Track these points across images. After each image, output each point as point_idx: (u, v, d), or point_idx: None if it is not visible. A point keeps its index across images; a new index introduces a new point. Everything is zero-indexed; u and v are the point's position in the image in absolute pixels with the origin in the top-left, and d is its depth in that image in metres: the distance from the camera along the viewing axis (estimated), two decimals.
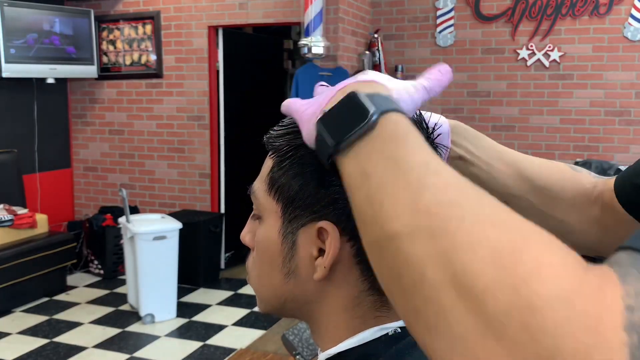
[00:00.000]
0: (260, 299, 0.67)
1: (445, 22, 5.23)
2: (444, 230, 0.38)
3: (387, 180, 0.42)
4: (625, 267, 0.34)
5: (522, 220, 0.38)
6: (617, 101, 4.86)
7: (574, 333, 0.31)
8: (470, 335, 0.34)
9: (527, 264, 0.34)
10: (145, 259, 4.05)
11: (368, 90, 0.49)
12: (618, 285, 0.33)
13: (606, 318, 0.31)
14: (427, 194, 0.40)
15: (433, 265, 0.37)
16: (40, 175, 5.39)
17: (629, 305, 0.32)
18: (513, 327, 0.33)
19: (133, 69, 5.51)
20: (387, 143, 0.44)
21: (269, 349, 3.77)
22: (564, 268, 0.34)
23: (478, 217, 0.38)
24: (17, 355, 3.69)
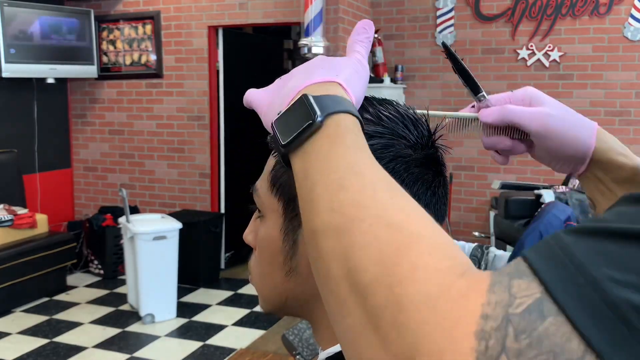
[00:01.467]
0: (262, 297, 0.67)
1: (445, 22, 5.23)
2: (347, 229, 0.41)
3: (317, 179, 0.46)
4: (502, 276, 0.35)
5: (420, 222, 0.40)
6: (617, 101, 4.86)
7: (431, 334, 0.34)
8: (356, 327, 0.38)
9: (405, 265, 0.37)
10: (145, 259, 4.06)
11: (321, 92, 0.51)
12: (483, 294, 0.34)
13: (462, 323, 0.33)
14: (342, 194, 0.43)
15: (336, 261, 0.41)
16: (40, 175, 5.39)
17: (485, 314, 0.33)
18: (385, 322, 0.36)
19: (133, 69, 5.52)
20: (325, 144, 0.48)
21: (269, 349, 3.77)
22: (437, 272, 0.36)
23: (377, 218, 0.40)
24: (17, 355, 3.69)
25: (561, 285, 0.33)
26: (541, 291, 0.33)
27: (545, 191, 4.01)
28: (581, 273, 0.33)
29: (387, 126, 0.59)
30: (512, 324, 0.33)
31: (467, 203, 5.29)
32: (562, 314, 0.32)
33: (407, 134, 0.60)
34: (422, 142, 0.61)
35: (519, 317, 0.33)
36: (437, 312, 0.34)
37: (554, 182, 4.63)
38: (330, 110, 0.49)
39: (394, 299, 0.36)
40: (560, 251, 0.34)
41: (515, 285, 0.34)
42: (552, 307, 0.32)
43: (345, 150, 0.47)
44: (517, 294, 0.34)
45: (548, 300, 0.33)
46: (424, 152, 0.60)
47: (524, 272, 0.35)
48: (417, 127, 0.61)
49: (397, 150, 0.59)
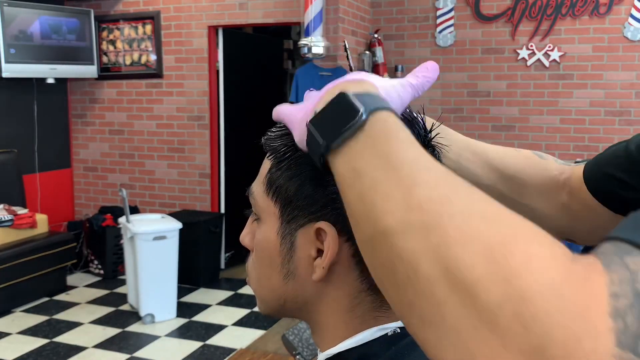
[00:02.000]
0: (260, 300, 0.67)
1: (445, 22, 5.23)
2: (436, 225, 0.38)
3: (378, 177, 0.43)
4: (610, 256, 0.35)
5: (511, 213, 0.39)
6: (617, 101, 4.86)
7: (564, 321, 0.32)
8: (464, 327, 0.35)
9: (517, 256, 0.35)
10: (145, 259, 4.05)
11: (357, 89, 0.49)
12: (603, 274, 0.34)
13: (593, 306, 0.32)
14: (418, 190, 0.41)
15: (426, 259, 0.38)
16: (40, 175, 5.39)
17: (614, 293, 0.33)
18: (506, 317, 0.34)
19: (133, 69, 5.51)
20: (377, 141, 0.45)
21: (269, 349, 3.77)
22: (553, 259, 0.35)
23: (469, 211, 0.39)
24: (17, 355, 3.69)
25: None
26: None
27: None
28: None
29: None
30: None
31: None
32: None
33: None
34: (418, 142, 0.61)
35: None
36: (564, 298, 0.33)
37: None
38: (372, 106, 0.47)
39: (513, 292, 0.34)
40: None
41: (631, 262, 0.34)
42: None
43: (404, 146, 0.44)
44: (637, 270, 0.33)
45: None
46: None
47: (629, 250, 0.34)
48: (412, 127, 0.61)
49: None
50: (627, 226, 0.36)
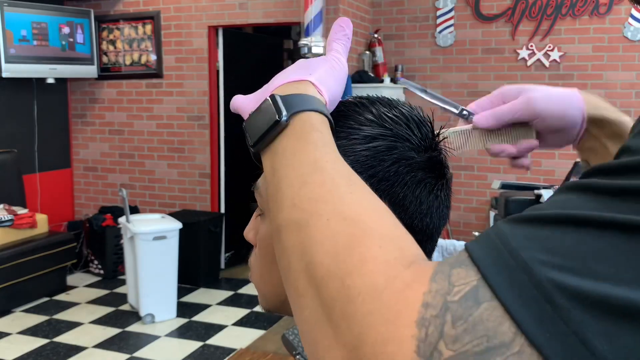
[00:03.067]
0: (261, 295, 0.67)
1: (445, 22, 5.23)
2: (306, 224, 0.42)
3: (283, 176, 0.47)
4: (444, 266, 0.37)
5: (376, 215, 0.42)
6: (617, 101, 4.86)
7: (375, 324, 0.35)
8: (312, 319, 0.40)
9: (355, 257, 0.38)
10: (145, 259, 4.05)
11: (290, 91, 0.53)
12: (426, 283, 0.36)
13: (405, 313, 0.35)
14: (305, 189, 0.45)
15: (295, 255, 0.42)
16: (40, 175, 5.39)
17: (426, 302, 0.35)
18: (336, 314, 0.37)
19: (133, 69, 5.52)
20: (291, 142, 0.49)
21: (269, 349, 3.77)
22: (384, 264, 0.38)
23: (334, 212, 0.42)
24: (17, 355, 3.69)
25: (495, 270, 0.34)
26: (478, 278, 0.35)
27: (545, 191, 4.01)
28: (513, 257, 0.34)
29: (390, 128, 0.59)
30: (450, 311, 0.34)
31: (467, 203, 5.29)
32: (495, 298, 0.33)
33: (410, 136, 0.60)
34: (425, 144, 0.60)
35: (456, 304, 0.34)
36: (382, 303, 0.36)
37: (554, 182, 4.63)
38: (296, 109, 0.50)
39: (343, 291, 0.37)
40: (497, 239, 0.36)
41: (455, 274, 0.36)
42: (487, 292, 0.34)
43: (310, 147, 0.48)
44: (455, 282, 0.35)
45: (483, 286, 0.34)
46: (427, 154, 0.60)
47: (464, 261, 0.36)
48: (421, 129, 0.61)
49: (401, 153, 0.58)
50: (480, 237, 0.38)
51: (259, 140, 0.51)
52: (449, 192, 0.63)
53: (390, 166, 0.57)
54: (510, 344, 0.32)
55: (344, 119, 0.60)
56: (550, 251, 0.34)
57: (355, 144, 0.58)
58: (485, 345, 0.33)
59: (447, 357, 0.33)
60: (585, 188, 0.37)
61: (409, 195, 0.58)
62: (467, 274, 0.35)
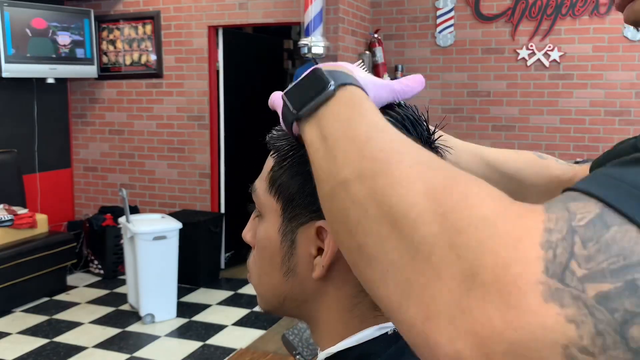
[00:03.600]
0: (260, 297, 0.67)
1: (445, 22, 5.23)
2: (384, 170, 0.41)
3: (339, 138, 0.46)
4: (555, 202, 0.36)
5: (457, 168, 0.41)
6: (617, 101, 4.86)
7: (494, 249, 0.34)
8: (404, 260, 0.38)
9: (456, 195, 0.38)
10: (145, 259, 4.05)
11: (332, 68, 0.53)
12: (542, 213, 0.35)
13: (526, 237, 0.34)
14: (372, 143, 0.44)
15: (374, 200, 0.41)
16: (40, 175, 5.39)
17: (548, 228, 0.34)
18: (441, 248, 0.36)
19: (133, 69, 5.52)
20: (342, 108, 0.48)
21: (269, 349, 3.77)
22: (490, 197, 0.37)
23: (415, 160, 0.41)
24: (17, 355, 3.69)
25: (620, 198, 0.34)
26: (600, 207, 0.34)
27: None
28: (635, 187, 0.34)
29: None
30: (577, 234, 0.33)
31: None
32: (626, 222, 0.33)
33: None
34: (422, 144, 0.60)
35: (583, 228, 0.33)
36: (498, 229, 0.35)
37: None
38: (342, 81, 0.50)
39: (449, 224, 0.36)
40: (606, 177, 0.36)
41: (573, 206, 0.35)
42: (615, 218, 0.33)
43: (365, 113, 0.47)
44: (577, 211, 0.34)
45: (610, 212, 0.34)
46: None
47: (576, 197, 0.36)
48: (416, 128, 0.61)
49: None
50: (584, 180, 0.37)
51: (304, 106, 0.50)
52: None
53: None
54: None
55: None
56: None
57: None
58: (623, 262, 0.32)
59: (581, 275, 0.32)
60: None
61: None
62: (586, 205, 0.34)
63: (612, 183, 0.35)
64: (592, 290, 0.32)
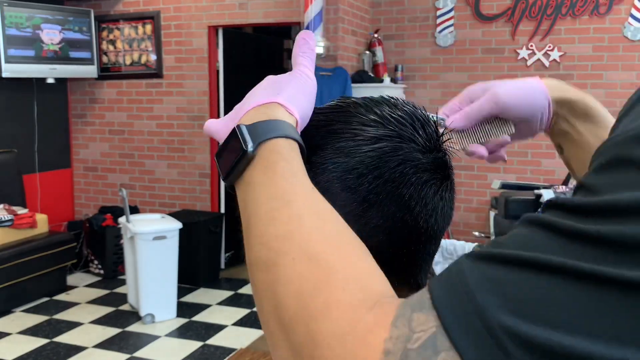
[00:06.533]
0: None
1: (445, 22, 5.23)
2: (274, 263, 0.43)
3: (253, 212, 0.48)
4: (406, 308, 0.38)
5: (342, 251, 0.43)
6: (617, 101, 4.86)
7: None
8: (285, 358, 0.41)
9: (320, 301, 0.40)
10: (145, 259, 4.05)
11: (258, 117, 0.52)
12: (387, 328, 0.37)
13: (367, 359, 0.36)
14: (271, 227, 0.45)
15: (266, 295, 0.44)
16: (40, 175, 5.39)
17: (387, 349, 0.36)
18: (304, 358, 0.39)
19: (133, 69, 5.52)
20: (259, 174, 0.49)
21: (269, 349, 3.76)
22: (349, 307, 0.39)
23: (300, 251, 0.43)
24: (17, 355, 3.69)
25: (452, 316, 0.35)
26: (437, 325, 0.36)
27: (545, 191, 4.01)
28: (470, 300, 0.35)
29: (395, 129, 0.59)
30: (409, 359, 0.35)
31: (467, 203, 5.29)
32: (452, 348, 0.34)
33: (415, 137, 0.59)
34: (430, 145, 0.60)
35: (415, 352, 0.35)
36: (346, 349, 0.37)
37: (554, 182, 4.63)
38: (262, 138, 0.50)
39: (309, 336, 0.39)
40: (457, 278, 0.37)
41: (415, 319, 0.37)
42: (445, 341, 0.35)
43: (278, 179, 0.48)
44: (415, 328, 0.36)
45: (442, 334, 0.35)
46: (432, 155, 0.60)
47: (425, 304, 0.37)
48: (425, 129, 0.61)
49: (406, 154, 0.58)
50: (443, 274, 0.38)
51: (229, 174, 0.51)
52: (453, 193, 0.63)
53: (396, 167, 0.57)
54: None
55: (349, 119, 0.60)
56: (506, 295, 0.34)
57: (360, 145, 0.58)
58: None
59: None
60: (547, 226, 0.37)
61: (414, 196, 0.58)
62: (427, 319, 0.36)
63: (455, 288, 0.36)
64: None
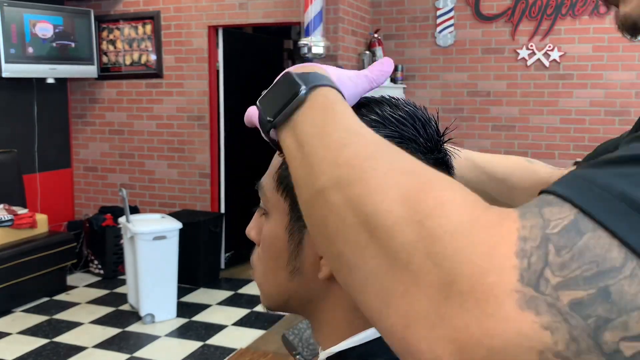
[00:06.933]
0: (264, 294, 0.67)
1: (445, 22, 5.23)
2: (359, 178, 0.41)
3: (315, 144, 0.46)
4: (529, 207, 0.37)
5: (432, 170, 0.42)
6: (617, 101, 4.86)
7: (471, 258, 0.34)
8: (382, 268, 0.38)
9: (430, 201, 0.38)
10: (145, 259, 4.05)
11: (303, 70, 0.53)
12: (516, 220, 0.36)
13: (501, 246, 0.34)
14: (347, 149, 0.44)
15: (351, 209, 0.41)
16: (40, 175, 5.38)
17: (523, 236, 0.34)
18: (418, 256, 0.36)
19: (133, 69, 5.51)
20: (316, 113, 0.48)
21: (269, 349, 3.76)
22: (464, 204, 0.37)
23: (390, 165, 0.42)
24: (17, 355, 3.69)
25: (592, 203, 0.34)
26: (574, 213, 0.35)
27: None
28: (607, 190, 0.35)
29: (396, 130, 0.59)
30: (551, 242, 0.34)
31: None
32: (598, 228, 0.34)
33: (416, 137, 0.60)
34: (431, 145, 0.60)
35: (557, 235, 0.34)
36: (474, 238, 0.35)
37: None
38: (313, 83, 0.50)
39: (425, 232, 0.36)
40: (580, 180, 0.36)
41: (547, 212, 0.35)
42: (588, 224, 0.34)
43: (339, 116, 0.48)
44: (550, 217, 0.35)
45: (583, 218, 0.34)
46: (433, 156, 0.60)
47: (551, 201, 0.36)
48: (426, 129, 0.61)
49: None
50: (559, 181, 0.38)
51: (278, 115, 0.50)
52: None
53: None
54: (621, 268, 0.33)
55: None
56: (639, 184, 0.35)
57: None
58: (596, 269, 0.33)
59: (555, 283, 0.33)
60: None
61: None
62: (560, 210, 0.35)
63: (585, 186, 0.36)
64: (566, 297, 0.33)
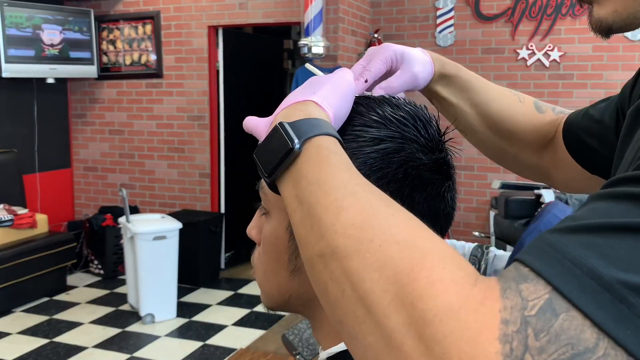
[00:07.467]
0: (264, 293, 0.67)
1: (445, 22, 5.23)
2: (356, 251, 0.42)
3: (313, 203, 0.47)
4: (509, 282, 0.38)
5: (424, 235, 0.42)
6: None
7: (458, 343, 0.36)
8: (379, 345, 0.40)
9: (422, 281, 0.39)
10: (145, 259, 4.05)
11: (297, 116, 0.53)
12: (498, 300, 0.37)
13: (485, 330, 0.36)
14: (343, 216, 0.44)
15: (349, 283, 0.42)
16: (40, 175, 5.39)
17: (504, 319, 0.36)
18: (412, 338, 0.38)
19: (133, 69, 5.51)
20: (311, 168, 0.49)
21: (269, 349, 3.77)
22: (454, 284, 0.38)
23: (385, 237, 0.42)
24: (17, 355, 3.69)
25: (563, 280, 0.36)
26: (549, 291, 0.36)
27: (545, 191, 4.01)
28: (577, 265, 0.36)
29: (397, 130, 0.59)
30: (530, 325, 0.35)
31: (467, 203, 5.29)
32: (572, 308, 0.35)
33: (417, 137, 0.60)
34: (432, 145, 0.60)
35: (535, 318, 0.36)
36: (461, 322, 0.37)
37: None
38: (307, 135, 0.51)
39: (417, 315, 0.38)
40: (551, 250, 0.38)
41: (524, 289, 0.37)
42: (562, 303, 0.36)
43: (334, 171, 0.48)
44: (528, 297, 0.37)
45: (557, 297, 0.36)
46: (434, 156, 0.60)
47: (527, 276, 0.38)
48: (427, 129, 0.61)
49: (408, 154, 0.58)
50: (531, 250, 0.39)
51: (274, 170, 0.51)
52: (455, 193, 0.63)
53: (399, 168, 0.57)
54: (594, 349, 0.34)
55: (351, 120, 0.60)
56: (609, 257, 0.36)
57: (363, 146, 0.58)
58: (571, 352, 0.34)
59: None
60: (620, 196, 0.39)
61: (416, 197, 0.58)
62: (536, 288, 0.37)
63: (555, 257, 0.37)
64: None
